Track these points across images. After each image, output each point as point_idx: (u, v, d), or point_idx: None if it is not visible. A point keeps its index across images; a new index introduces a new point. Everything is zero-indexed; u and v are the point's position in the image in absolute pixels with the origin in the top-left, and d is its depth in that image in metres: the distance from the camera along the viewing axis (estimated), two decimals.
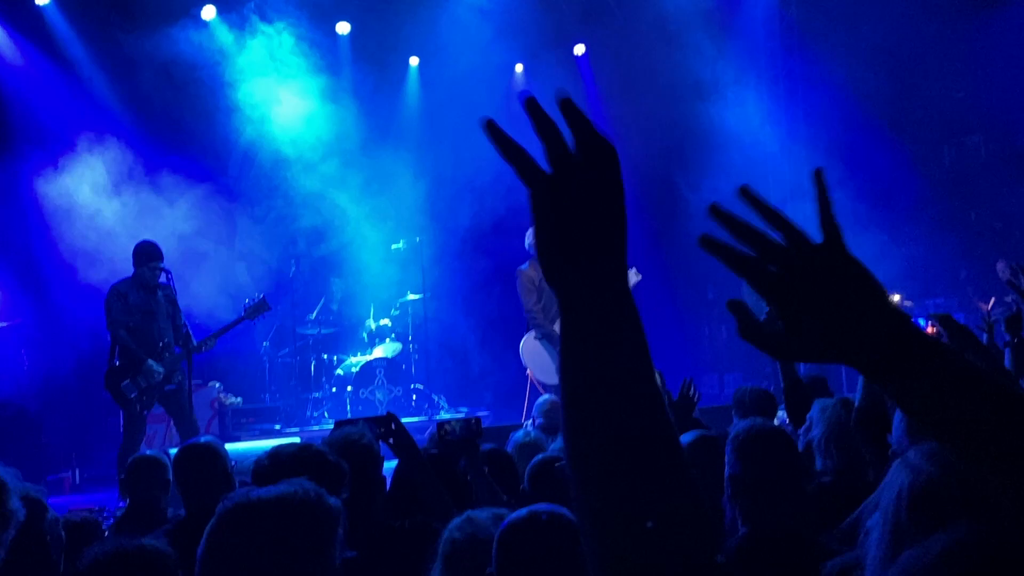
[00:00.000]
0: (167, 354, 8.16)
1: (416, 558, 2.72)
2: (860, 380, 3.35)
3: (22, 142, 9.83)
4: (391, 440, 3.71)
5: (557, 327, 9.13)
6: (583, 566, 2.31)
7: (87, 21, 10.55)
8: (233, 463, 4.11)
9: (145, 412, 8.26)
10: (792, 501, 2.81)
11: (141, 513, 4.56)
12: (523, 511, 2.40)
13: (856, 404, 3.29)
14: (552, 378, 9.28)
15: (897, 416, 2.77)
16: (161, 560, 2.36)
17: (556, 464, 3.98)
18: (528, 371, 9.37)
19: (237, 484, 3.86)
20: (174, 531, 3.69)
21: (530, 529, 2.34)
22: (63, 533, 3.40)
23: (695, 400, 4.64)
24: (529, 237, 9.35)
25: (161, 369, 8.09)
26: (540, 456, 3.97)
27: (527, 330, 9.35)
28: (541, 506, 2.43)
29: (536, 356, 9.33)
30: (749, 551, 2.76)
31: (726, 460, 2.91)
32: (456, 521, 2.65)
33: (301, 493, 1.99)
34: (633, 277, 9.41)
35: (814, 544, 2.74)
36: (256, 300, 8.45)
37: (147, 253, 8.07)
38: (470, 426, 3.76)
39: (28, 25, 10.26)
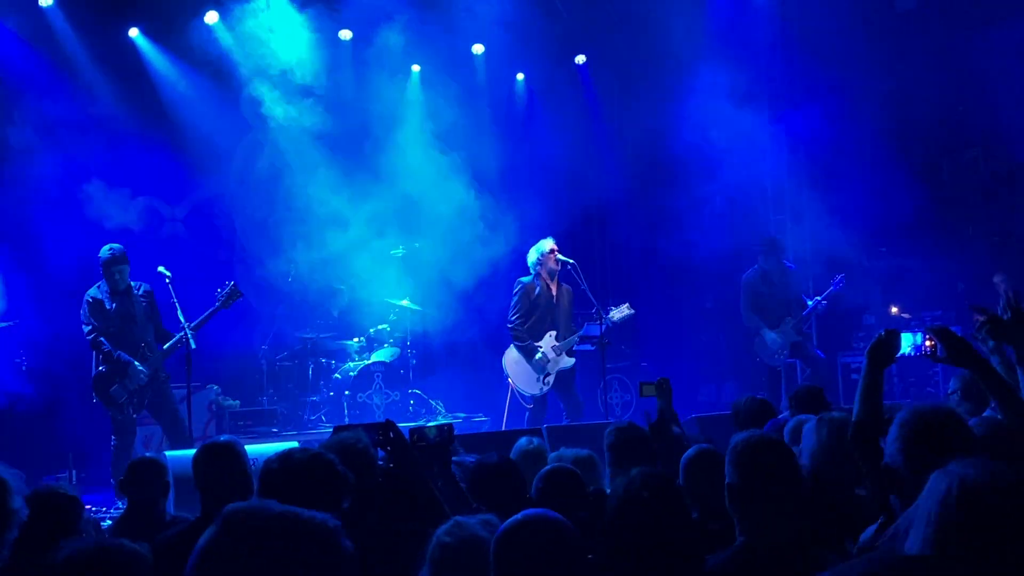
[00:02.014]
0: (148, 353, 8.23)
1: (408, 563, 2.74)
2: (857, 393, 3.32)
3: (24, 140, 9.82)
4: (388, 447, 3.72)
5: (542, 343, 9.17)
6: (578, 570, 2.33)
7: (89, 19, 10.55)
8: (253, 463, 3.94)
9: (135, 415, 8.30)
10: (789, 512, 2.82)
11: (140, 514, 4.58)
12: (519, 515, 2.42)
13: (853, 418, 3.27)
14: (532, 388, 9.28)
15: (893, 431, 2.78)
16: (138, 562, 2.30)
17: None
18: (509, 380, 9.39)
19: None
20: (189, 531, 3.67)
21: (526, 533, 2.36)
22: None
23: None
24: (533, 253, 9.35)
25: (146, 369, 8.16)
26: (549, 467, 3.96)
27: (512, 341, 9.38)
28: (537, 511, 2.45)
29: (517, 367, 9.37)
30: (745, 561, 2.77)
31: (725, 470, 2.92)
32: (445, 526, 2.66)
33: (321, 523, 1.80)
34: (625, 311, 9.39)
35: (810, 554, 2.75)
36: (227, 288, 8.42)
37: (110, 259, 8.18)
38: (443, 432, 3.76)
39: (29, 24, 10.24)
